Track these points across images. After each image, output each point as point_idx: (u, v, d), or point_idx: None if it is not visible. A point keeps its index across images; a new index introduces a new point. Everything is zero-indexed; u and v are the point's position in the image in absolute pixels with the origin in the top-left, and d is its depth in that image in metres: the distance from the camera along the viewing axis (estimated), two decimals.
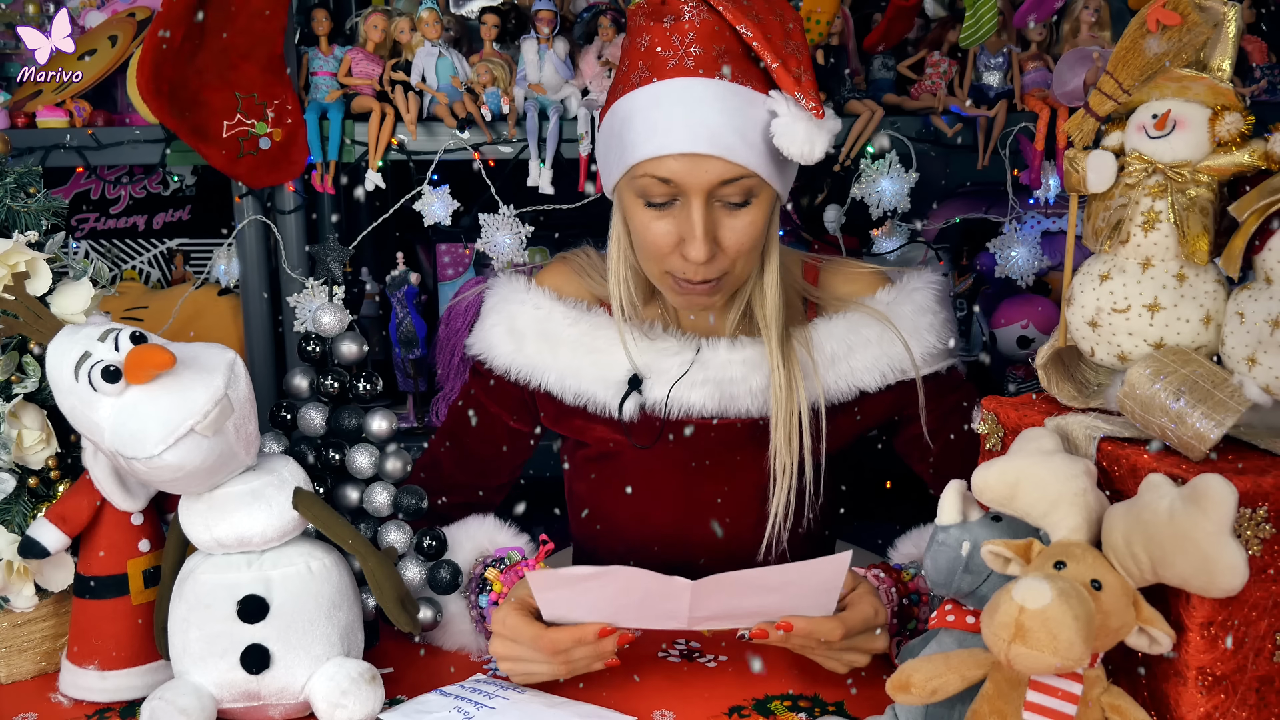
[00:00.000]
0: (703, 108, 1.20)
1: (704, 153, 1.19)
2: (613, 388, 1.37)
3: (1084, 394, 1.06)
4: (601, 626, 1.12)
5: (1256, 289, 0.93)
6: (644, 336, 1.37)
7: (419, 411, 2.02)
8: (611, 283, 1.37)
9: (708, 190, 1.21)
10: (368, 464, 1.23)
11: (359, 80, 1.73)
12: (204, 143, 1.64)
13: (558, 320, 1.40)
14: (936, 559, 1.02)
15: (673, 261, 1.27)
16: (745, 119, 1.21)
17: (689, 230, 1.23)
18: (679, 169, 1.21)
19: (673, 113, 1.20)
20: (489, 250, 1.75)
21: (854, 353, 1.36)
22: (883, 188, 1.67)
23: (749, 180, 1.22)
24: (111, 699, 1.18)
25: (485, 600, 1.25)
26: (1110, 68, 1.00)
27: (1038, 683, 0.89)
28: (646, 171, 1.22)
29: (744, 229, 1.25)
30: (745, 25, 1.20)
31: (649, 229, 1.26)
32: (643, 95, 1.22)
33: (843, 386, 1.36)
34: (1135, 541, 0.87)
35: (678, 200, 1.24)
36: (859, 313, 1.37)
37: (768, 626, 1.12)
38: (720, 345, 1.35)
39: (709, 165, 1.20)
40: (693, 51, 1.20)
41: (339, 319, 1.25)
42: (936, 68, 1.70)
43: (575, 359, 1.38)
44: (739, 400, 1.35)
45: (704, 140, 1.19)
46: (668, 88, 1.21)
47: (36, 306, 1.14)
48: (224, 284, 1.97)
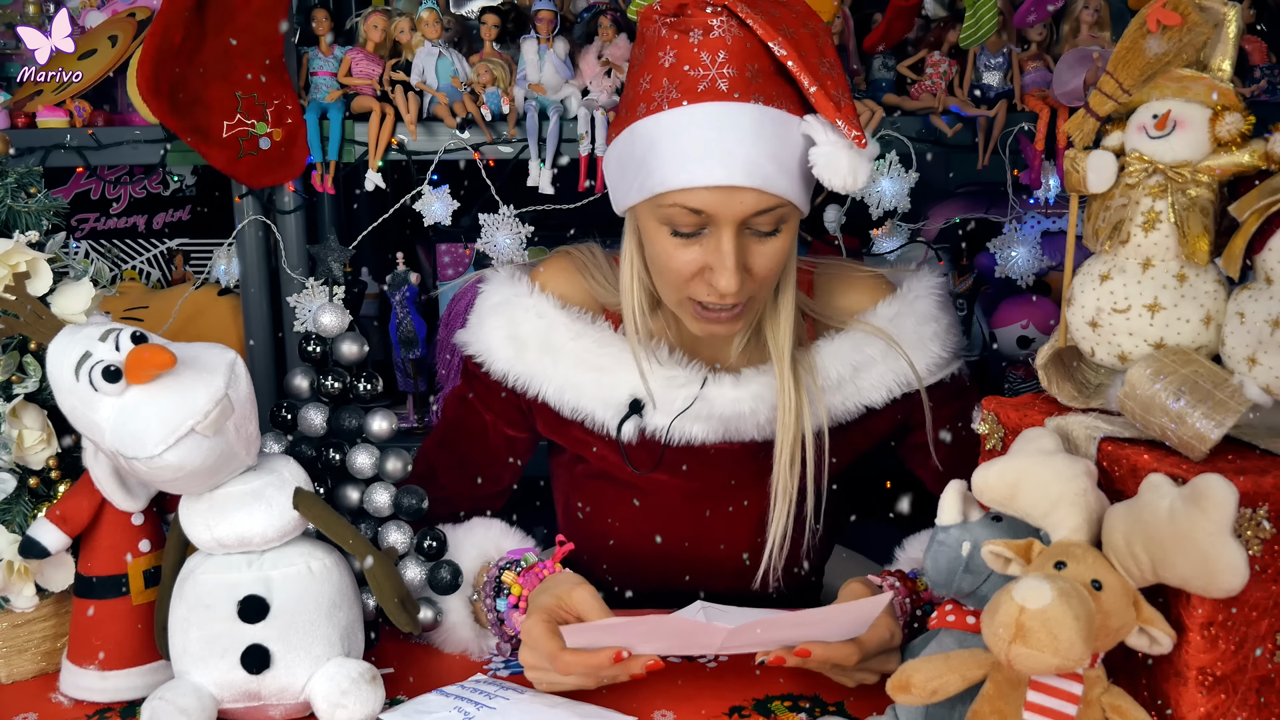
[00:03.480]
0: (738, 136, 1.13)
1: (741, 185, 1.14)
2: (613, 408, 1.33)
3: (1084, 394, 1.06)
4: (617, 651, 1.08)
5: (1256, 289, 0.93)
6: (649, 360, 1.32)
7: (419, 411, 2.02)
8: (625, 304, 1.32)
9: (740, 221, 1.16)
10: (368, 464, 1.23)
11: (359, 80, 1.73)
12: (204, 143, 1.64)
13: (560, 331, 1.34)
14: (937, 559, 1.02)
15: (696, 288, 1.22)
16: (782, 145, 1.15)
17: (719, 261, 1.17)
18: (712, 201, 1.15)
19: (707, 141, 1.13)
20: (489, 250, 1.75)
21: (859, 373, 1.32)
22: (883, 188, 1.67)
23: (782, 209, 1.17)
24: (112, 699, 1.18)
25: (504, 604, 1.22)
26: (1110, 68, 1.00)
27: (1038, 683, 0.89)
28: (676, 202, 1.16)
29: (773, 255, 1.20)
30: (778, 43, 1.13)
31: (673, 257, 1.20)
32: (670, 119, 1.15)
33: (849, 406, 1.34)
34: (1135, 541, 0.87)
35: (706, 230, 1.18)
36: (862, 331, 1.33)
37: (785, 653, 1.09)
38: (725, 381, 1.31)
39: (744, 197, 1.14)
40: (725, 73, 1.13)
41: (339, 319, 1.25)
42: (936, 68, 1.70)
43: (576, 374, 1.33)
44: (744, 432, 1.33)
45: (740, 173, 1.13)
46: (700, 113, 1.14)
47: (37, 306, 1.14)
48: (224, 284, 1.97)
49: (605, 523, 1.45)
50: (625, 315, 1.32)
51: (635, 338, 1.32)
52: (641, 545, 1.43)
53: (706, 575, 1.40)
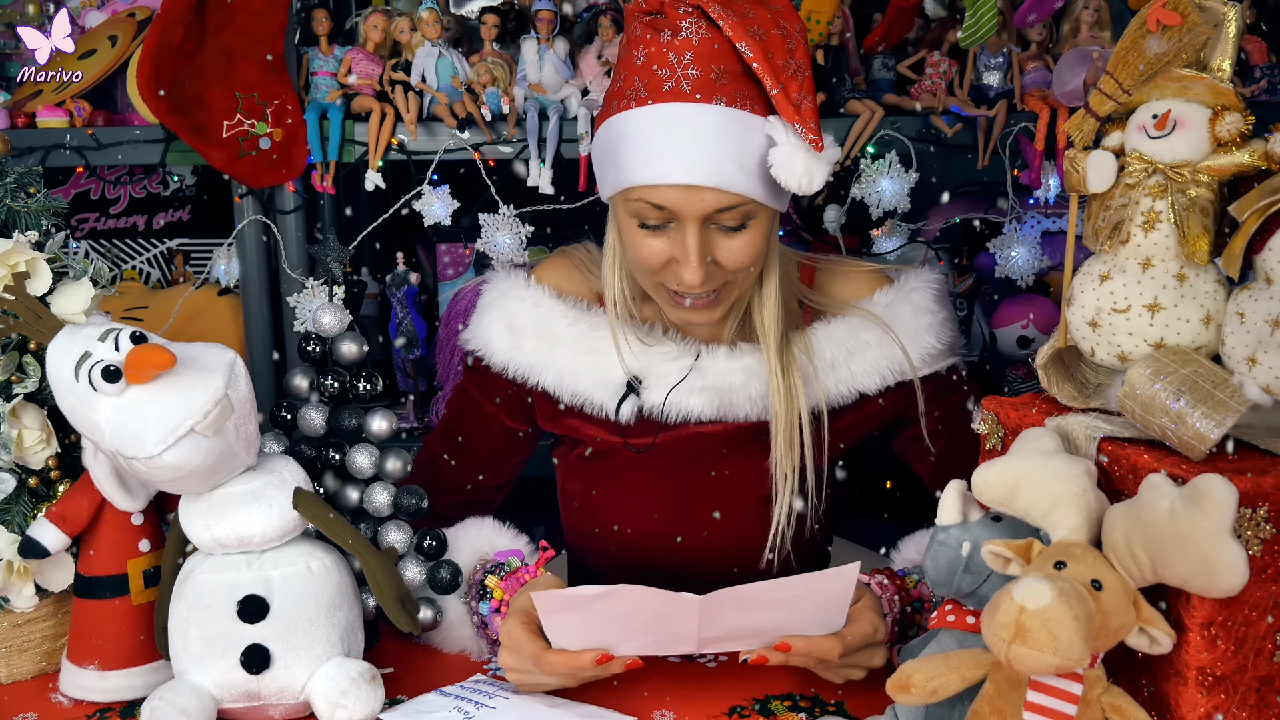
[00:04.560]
0: (698, 136, 1.17)
1: (699, 184, 1.18)
2: (610, 389, 1.36)
3: (1084, 394, 1.06)
4: (600, 654, 1.10)
5: (1256, 289, 0.93)
6: (641, 340, 1.36)
7: (419, 411, 2.02)
8: (606, 285, 1.36)
9: (703, 217, 1.20)
10: (368, 464, 1.23)
11: (359, 80, 1.73)
12: (204, 143, 1.64)
13: (557, 319, 1.38)
14: (936, 559, 1.02)
15: (666, 277, 1.26)
16: (742, 146, 1.18)
17: (683, 255, 1.22)
18: (674, 198, 1.19)
19: (668, 141, 1.18)
20: (489, 250, 1.75)
21: (853, 356, 1.35)
22: (883, 188, 1.67)
23: (746, 207, 1.21)
24: (111, 699, 1.18)
25: (486, 608, 1.24)
26: (1110, 68, 1.00)
27: (1038, 683, 0.89)
28: (640, 197, 1.21)
29: (741, 249, 1.23)
30: (746, 43, 1.16)
31: (642, 246, 1.25)
32: (637, 117, 1.20)
33: (843, 390, 1.36)
34: (1135, 541, 0.87)
35: (672, 223, 1.22)
36: (857, 316, 1.36)
37: (767, 652, 1.10)
38: (720, 353, 1.34)
39: (704, 195, 1.19)
40: (690, 74, 1.17)
41: (339, 319, 1.25)
42: (936, 68, 1.70)
43: (574, 359, 1.37)
44: (738, 406, 1.35)
45: (699, 172, 1.17)
46: (662, 112, 1.18)
47: (37, 306, 1.14)
48: (224, 284, 1.97)
49: (607, 510, 1.46)
50: (606, 296, 1.36)
51: (615, 317, 1.36)
52: (643, 531, 1.44)
53: (710, 563, 1.41)
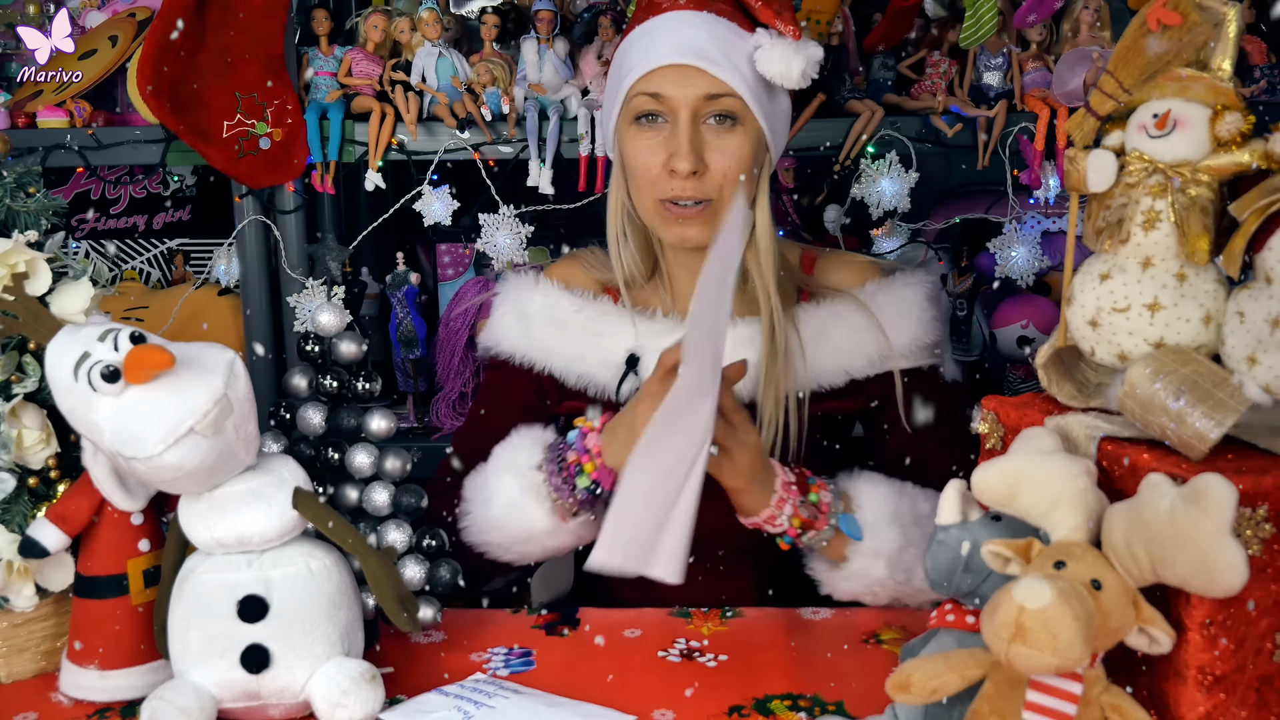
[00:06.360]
0: (691, 31, 1.31)
1: (689, 63, 1.29)
2: (612, 369, 1.42)
3: (1084, 394, 1.06)
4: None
5: (1256, 288, 0.93)
6: (641, 318, 1.42)
7: (419, 411, 2.02)
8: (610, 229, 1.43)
9: (694, 106, 1.31)
10: (367, 463, 1.23)
11: (359, 80, 1.73)
12: (204, 143, 1.64)
13: (565, 306, 1.46)
14: (936, 559, 1.02)
15: (662, 184, 1.33)
16: (731, 46, 1.31)
17: (676, 146, 1.31)
18: (666, 83, 1.31)
19: (664, 39, 1.31)
20: (489, 250, 1.75)
21: (832, 336, 1.39)
22: (883, 188, 1.67)
23: (733, 100, 1.31)
24: (111, 699, 1.18)
25: (574, 436, 1.31)
26: (1111, 67, 1.00)
27: (1038, 682, 0.89)
28: (639, 90, 1.33)
29: (731, 151, 1.32)
30: None
31: (640, 150, 1.34)
32: (636, 33, 1.35)
33: (827, 365, 1.40)
34: (1135, 541, 0.87)
35: (667, 121, 1.33)
36: (844, 300, 1.41)
37: None
38: None
39: (694, 78, 1.30)
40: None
41: (339, 319, 1.25)
42: (936, 68, 1.70)
43: (581, 342, 1.44)
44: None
45: (689, 53, 1.29)
46: (659, 21, 1.33)
47: (36, 306, 1.14)
48: (224, 284, 1.98)
49: None
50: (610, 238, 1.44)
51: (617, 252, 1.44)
52: None
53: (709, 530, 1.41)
